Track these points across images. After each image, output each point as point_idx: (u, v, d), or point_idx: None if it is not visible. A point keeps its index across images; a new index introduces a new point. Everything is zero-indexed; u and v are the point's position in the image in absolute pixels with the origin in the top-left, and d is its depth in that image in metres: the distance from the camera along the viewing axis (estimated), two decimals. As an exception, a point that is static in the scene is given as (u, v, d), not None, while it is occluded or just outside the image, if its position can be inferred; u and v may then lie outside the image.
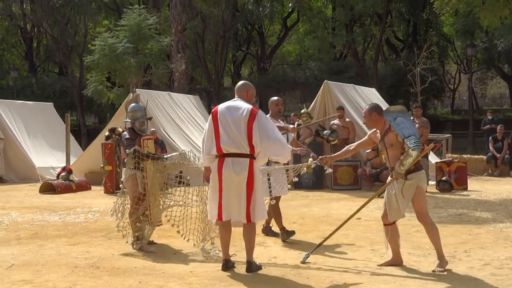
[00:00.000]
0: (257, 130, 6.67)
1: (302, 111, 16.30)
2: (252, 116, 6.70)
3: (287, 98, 50.13)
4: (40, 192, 15.84)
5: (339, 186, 15.35)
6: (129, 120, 8.81)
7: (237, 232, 7.20)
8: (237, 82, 7.87)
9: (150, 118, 9.21)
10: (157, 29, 27.38)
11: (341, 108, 15.76)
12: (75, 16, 41.54)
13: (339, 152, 7.71)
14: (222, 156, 6.73)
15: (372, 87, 21.63)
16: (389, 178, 7.09)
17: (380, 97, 19.84)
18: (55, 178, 16.82)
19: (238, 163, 6.68)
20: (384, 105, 18.80)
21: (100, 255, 7.79)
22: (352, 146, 7.66)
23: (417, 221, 10.06)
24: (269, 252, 7.77)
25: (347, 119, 15.80)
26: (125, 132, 8.68)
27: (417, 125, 14.68)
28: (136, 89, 17.35)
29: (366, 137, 7.38)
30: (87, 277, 6.71)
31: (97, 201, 13.55)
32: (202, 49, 38.09)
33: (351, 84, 18.94)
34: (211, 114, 6.94)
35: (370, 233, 9.10)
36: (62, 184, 15.94)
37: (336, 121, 15.74)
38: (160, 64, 25.75)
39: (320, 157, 7.62)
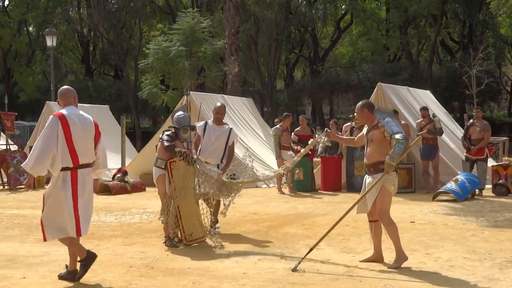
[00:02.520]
0: (101, 140, 6.69)
1: (355, 113, 16.21)
2: (96, 125, 6.66)
3: (340, 100, 49.98)
4: (96, 193, 16.07)
5: (393, 189, 15.18)
6: (175, 126, 9.02)
7: (290, 234, 7.18)
8: (290, 85, 7.99)
9: (193, 129, 9.37)
10: (211, 32, 27.58)
11: (396, 113, 15.61)
12: (130, 20, 42.23)
13: (344, 137, 8.36)
14: (75, 168, 6.45)
15: (426, 89, 21.36)
16: (367, 176, 7.36)
17: (435, 99, 19.58)
18: (111, 180, 17.09)
19: (88, 173, 6.64)
20: (439, 108, 18.61)
21: (154, 256, 7.90)
22: (355, 137, 8.04)
23: (472, 225, 9.97)
24: (323, 255, 7.75)
25: (402, 122, 15.62)
26: (168, 132, 8.90)
27: (478, 128, 14.44)
28: (190, 92, 17.54)
29: (361, 133, 7.67)
30: (142, 277, 6.81)
31: (152, 202, 13.70)
32: (255, 51, 38.22)
33: (405, 87, 18.74)
34: (58, 121, 6.35)
35: (424, 236, 8.99)
36: (118, 185, 16.20)
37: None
38: (213, 67, 25.93)
39: (326, 129, 8.16)
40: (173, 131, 8.96)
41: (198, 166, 8.54)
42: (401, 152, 6.88)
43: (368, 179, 7.31)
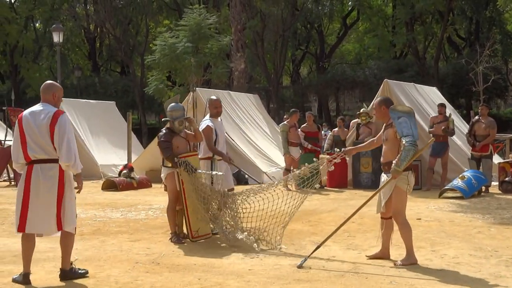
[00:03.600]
0: (57, 133, 6.45)
1: (361, 110, 16.23)
2: (54, 119, 6.45)
3: (346, 97, 49.95)
4: (102, 189, 16.14)
5: (399, 186, 15.13)
6: (169, 119, 8.93)
7: (295, 230, 7.15)
8: (296, 81, 7.86)
9: (187, 118, 9.26)
10: (217, 29, 27.57)
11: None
12: (136, 16, 42.25)
13: (363, 144, 8.13)
14: (30, 163, 6.48)
15: (433, 86, 21.31)
16: (383, 174, 7.30)
17: (442, 96, 19.53)
18: (117, 176, 17.11)
19: (48, 169, 6.46)
20: (446, 104, 18.57)
21: (160, 252, 7.91)
22: (375, 139, 7.77)
23: (479, 222, 9.95)
24: (328, 252, 7.75)
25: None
26: (161, 133, 8.81)
27: (483, 125, 14.38)
28: (196, 88, 17.53)
29: (380, 132, 7.50)
30: (148, 273, 6.82)
31: (158, 198, 13.73)
32: (261, 48, 38.19)
33: (412, 83, 18.69)
34: (17, 121, 6.62)
35: (430, 233, 8.98)
36: (124, 182, 16.20)
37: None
38: (219, 63, 25.90)
39: (343, 149, 7.81)
40: (168, 126, 8.90)
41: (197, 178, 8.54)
42: (408, 158, 6.78)
43: (383, 177, 7.27)
